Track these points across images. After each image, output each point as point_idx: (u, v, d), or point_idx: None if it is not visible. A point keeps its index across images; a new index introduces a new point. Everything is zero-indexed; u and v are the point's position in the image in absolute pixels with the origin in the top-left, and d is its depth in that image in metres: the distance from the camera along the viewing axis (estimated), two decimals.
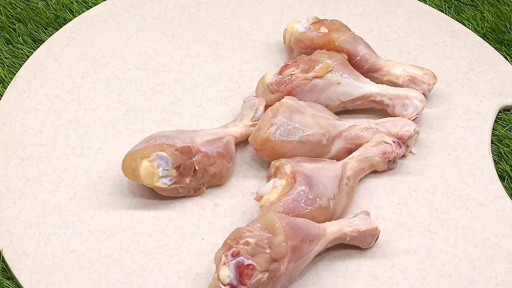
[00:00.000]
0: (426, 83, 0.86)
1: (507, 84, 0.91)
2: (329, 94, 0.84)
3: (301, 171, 0.74)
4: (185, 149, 0.75)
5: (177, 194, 0.78)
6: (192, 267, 0.73)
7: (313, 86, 0.83)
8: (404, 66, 0.87)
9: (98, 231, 0.76)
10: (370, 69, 0.87)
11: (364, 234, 0.72)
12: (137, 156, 0.74)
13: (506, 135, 0.87)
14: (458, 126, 0.86)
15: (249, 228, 0.67)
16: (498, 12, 1.01)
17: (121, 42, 0.96)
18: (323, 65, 0.83)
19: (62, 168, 0.81)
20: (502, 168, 0.84)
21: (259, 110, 0.82)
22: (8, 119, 0.86)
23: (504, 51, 0.96)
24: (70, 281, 0.72)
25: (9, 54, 0.95)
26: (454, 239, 0.76)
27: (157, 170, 0.74)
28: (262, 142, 0.78)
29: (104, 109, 0.87)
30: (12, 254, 0.74)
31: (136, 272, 0.73)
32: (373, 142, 0.80)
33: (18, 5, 1.02)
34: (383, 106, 0.85)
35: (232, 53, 0.95)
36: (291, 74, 0.84)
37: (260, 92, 0.85)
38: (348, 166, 0.78)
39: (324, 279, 0.72)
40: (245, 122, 0.82)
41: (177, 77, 0.92)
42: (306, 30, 0.89)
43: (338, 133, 0.81)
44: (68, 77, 0.91)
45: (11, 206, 0.78)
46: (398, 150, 0.80)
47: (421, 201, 0.79)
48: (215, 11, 1.00)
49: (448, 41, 0.96)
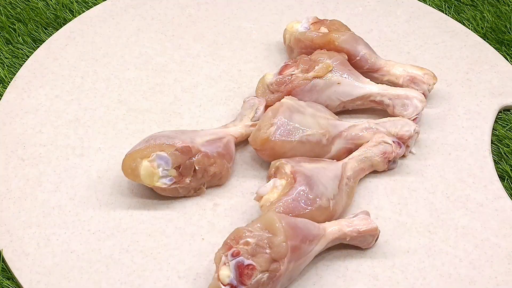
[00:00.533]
0: (426, 83, 0.86)
1: (507, 84, 0.91)
2: (329, 94, 0.84)
3: (301, 171, 0.74)
4: (185, 149, 0.75)
5: (177, 194, 0.78)
6: (192, 267, 0.73)
7: (313, 86, 0.83)
8: (404, 66, 0.87)
9: (98, 231, 0.76)
10: (370, 69, 0.87)
11: (364, 234, 0.72)
12: (137, 156, 0.74)
13: (506, 135, 0.87)
14: (458, 126, 0.86)
15: (249, 228, 0.67)
16: (498, 12, 1.01)
17: (121, 42, 0.96)
18: (323, 65, 0.83)
19: (62, 168, 0.81)
20: (502, 168, 0.84)
21: (259, 110, 0.82)
22: (8, 119, 0.86)
23: (504, 51, 0.96)
24: (70, 281, 0.72)
25: (9, 54, 0.95)
26: (454, 239, 0.76)
27: (157, 170, 0.74)
28: (262, 142, 0.78)
29: (104, 109, 0.87)
30: (12, 254, 0.74)
31: (136, 272, 0.73)
32: (373, 142, 0.80)
33: (18, 5, 1.02)
34: (383, 106, 0.85)
35: (232, 53, 0.95)
36: (291, 74, 0.84)
37: (260, 92, 0.85)
38: (348, 166, 0.78)
39: (324, 279, 0.72)
40: (245, 122, 0.82)
41: (177, 77, 0.92)
42: (306, 30, 0.89)
43: (338, 133, 0.81)
44: (68, 77, 0.91)
45: (11, 206, 0.78)
46: (398, 150, 0.80)
47: (421, 201, 0.79)
48: (215, 11, 1.00)
49: (448, 41, 0.96)
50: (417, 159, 0.83)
